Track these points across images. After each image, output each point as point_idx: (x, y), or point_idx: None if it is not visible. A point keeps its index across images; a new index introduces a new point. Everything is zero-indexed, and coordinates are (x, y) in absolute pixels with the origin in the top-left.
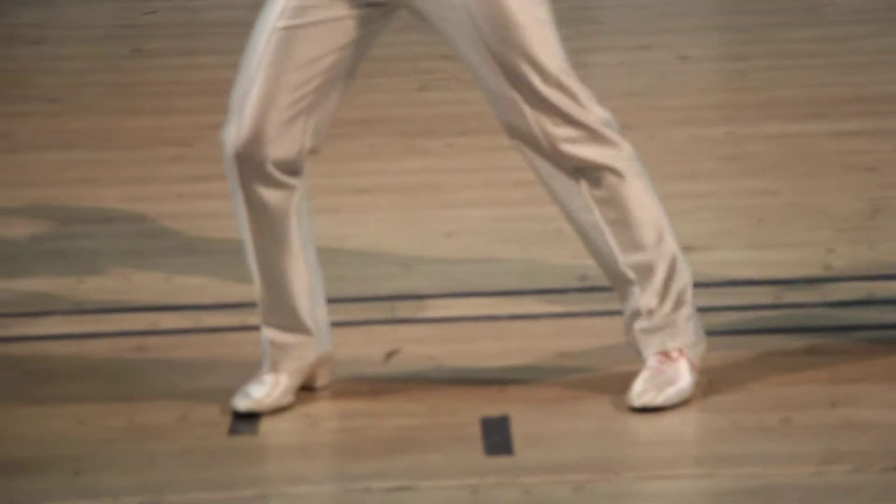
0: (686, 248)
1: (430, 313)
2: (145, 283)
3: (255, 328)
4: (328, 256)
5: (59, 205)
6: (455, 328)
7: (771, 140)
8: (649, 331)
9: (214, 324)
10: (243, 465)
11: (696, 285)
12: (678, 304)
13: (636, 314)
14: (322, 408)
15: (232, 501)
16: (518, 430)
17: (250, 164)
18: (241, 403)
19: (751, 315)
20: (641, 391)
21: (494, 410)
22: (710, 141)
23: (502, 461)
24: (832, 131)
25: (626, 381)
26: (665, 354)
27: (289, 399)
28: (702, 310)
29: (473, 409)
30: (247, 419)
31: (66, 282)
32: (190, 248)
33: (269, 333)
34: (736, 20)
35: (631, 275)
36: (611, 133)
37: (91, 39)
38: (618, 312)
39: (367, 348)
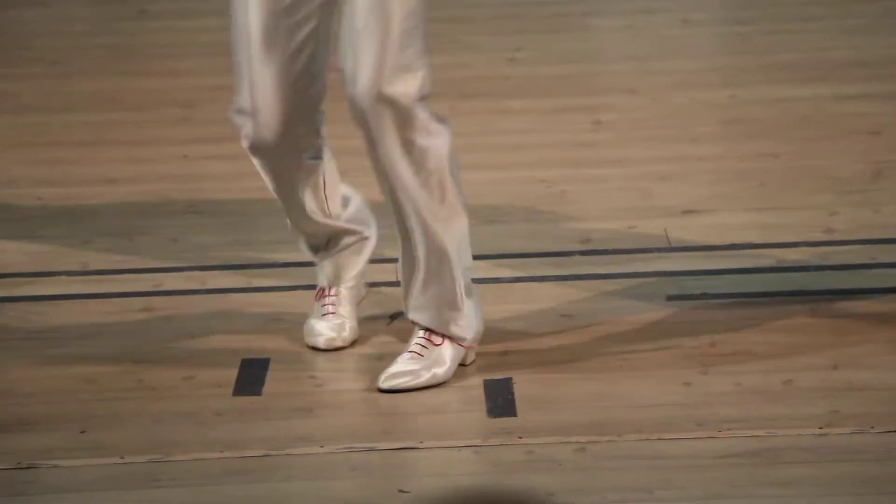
0: (687, 212)
1: None
2: (150, 245)
3: (261, 289)
4: None
5: (64, 166)
6: None
7: (773, 103)
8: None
9: (219, 285)
10: (249, 425)
11: (700, 248)
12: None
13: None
14: (327, 369)
15: (237, 462)
16: (521, 392)
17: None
18: None
19: (753, 278)
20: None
21: (498, 373)
22: (712, 104)
23: (506, 422)
24: (834, 95)
25: (630, 344)
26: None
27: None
28: (704, 273)
29: (477, 371)
30: (251, 381)
31: (72, 243)
32: (195, 210)
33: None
34: None
35: None
36: None
37: (96, 1)
38: (622, 276)
39: (371, 311)
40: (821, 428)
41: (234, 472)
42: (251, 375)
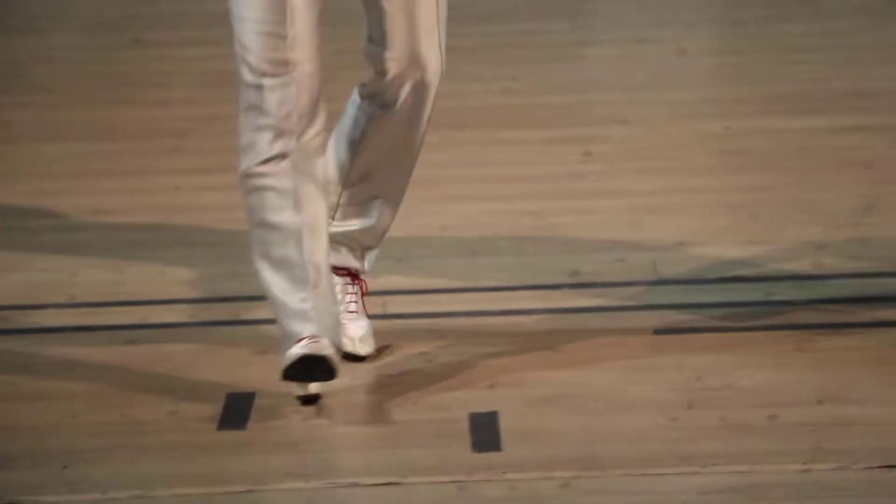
0: (679, 244)
1: (421, 308)
2: (139, 276)
3: (249, 322)
4: None
5: (54, 197)
6: (446, 323)
7: (768, 135)
8: None
9: (206, 318)
10: (233, 460)
11: (688, 281)
12: None
13: None
14: (311, 403)
15: (221, 497)
16: (507, 426)
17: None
18: None
19: (740, 312)
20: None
21: (483, 406)
22: (707, 135)
23: (490, 457)
24: (829, 127)
25: (616, 378)
26: None
27: None
28: (691, 306)
29: (463, 404)
30: (237, 415)
31: (60, 275)
32: (185, 241)
33: None
34: (733, 14)
35: None
36: None
37: (91, 29)
38: (610, 309)
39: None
40: (805, 464)
41: None
42: (236, 409)
